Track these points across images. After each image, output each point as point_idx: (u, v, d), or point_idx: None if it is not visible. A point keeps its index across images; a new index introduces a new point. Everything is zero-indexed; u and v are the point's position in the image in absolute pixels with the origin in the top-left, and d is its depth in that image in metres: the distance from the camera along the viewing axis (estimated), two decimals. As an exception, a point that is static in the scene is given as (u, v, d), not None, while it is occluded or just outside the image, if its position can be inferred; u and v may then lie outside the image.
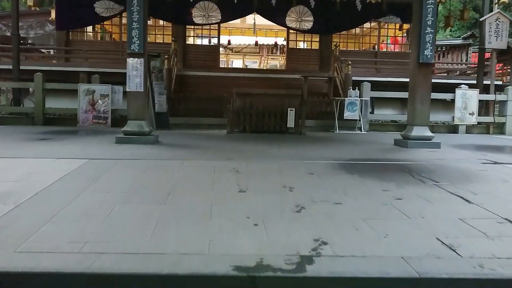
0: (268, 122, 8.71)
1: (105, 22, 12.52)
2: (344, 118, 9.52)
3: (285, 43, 18.59)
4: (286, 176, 4.09)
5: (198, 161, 4.77)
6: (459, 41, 16.15)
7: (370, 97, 10.01)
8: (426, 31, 6.45)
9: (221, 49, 20.70)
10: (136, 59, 6.22)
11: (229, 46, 19.73)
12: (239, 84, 11.17)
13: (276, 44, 18.98)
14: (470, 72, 13.73)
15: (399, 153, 6.02)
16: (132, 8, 6.14)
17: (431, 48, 6.49)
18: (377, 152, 6.05)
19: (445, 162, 5.16)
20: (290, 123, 8.67)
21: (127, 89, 6.31)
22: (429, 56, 6.51)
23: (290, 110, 8.64)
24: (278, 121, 8.74)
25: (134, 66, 6.21)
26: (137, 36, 6.14)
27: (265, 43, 18.72)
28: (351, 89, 9.73)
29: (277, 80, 11.64)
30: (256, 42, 18.33)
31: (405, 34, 13.76)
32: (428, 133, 6.67)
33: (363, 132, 9.57)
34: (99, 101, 9.46)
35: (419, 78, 6.60)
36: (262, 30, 17.19)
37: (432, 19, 6.45)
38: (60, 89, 10.13)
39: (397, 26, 13.25)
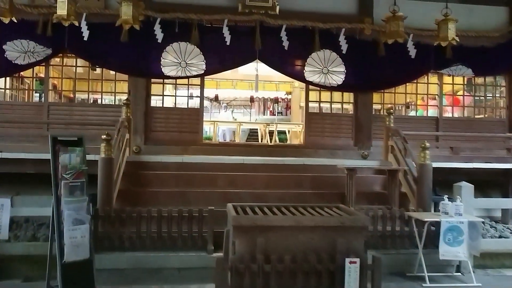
0: None
1: (23, 73, 8.06)
2: (441, 258, 4.98)
3: (288, 97, 14.52)
4: None
5: None
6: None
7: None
8: None
9: (209, 104, 16.52)
10: None
11: (216, 101, 15.48)
12: (234, 181, 6.54)
13: (277, 100, 14.73)
14: None
15: None
16: None
17: None
18: None
19: None
20: (351, 290, 4.05)
21: None
22: None
23: (351, 262, 4.05)
24: (324, 284, 4.10)
25: None
26: None
27: (266, 96, 14.40)
28: (447, 198, 5.26)
29: (295, 170, 6.93)
30: (252, 98, 14.06)
31: (469, 90, 9.63)
32: None
33: (475, 284, 5.01)
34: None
35: None
36: (260, 82, 12.94)
37: None
38: None
39: (465, 80, 9.12)
